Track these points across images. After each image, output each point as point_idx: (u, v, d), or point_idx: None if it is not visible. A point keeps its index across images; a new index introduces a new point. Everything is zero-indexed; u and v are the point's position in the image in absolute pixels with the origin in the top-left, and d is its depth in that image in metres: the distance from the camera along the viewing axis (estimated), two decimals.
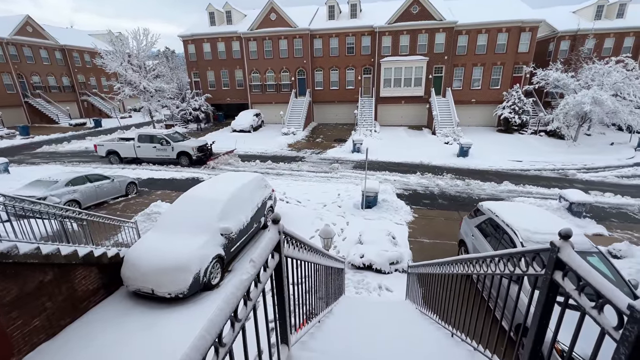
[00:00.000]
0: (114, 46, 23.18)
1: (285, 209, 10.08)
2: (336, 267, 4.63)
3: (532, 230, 5.19)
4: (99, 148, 15.35)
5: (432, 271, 3.93)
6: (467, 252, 6.62)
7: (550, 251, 1.54)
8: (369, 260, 6.81)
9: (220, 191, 7.21)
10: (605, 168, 15.67)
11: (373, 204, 10.29)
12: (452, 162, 16.20)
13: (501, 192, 12.18)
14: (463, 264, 2.71)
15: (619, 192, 11.98)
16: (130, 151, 15.19)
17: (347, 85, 26.59)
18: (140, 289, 5.68)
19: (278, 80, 26.87)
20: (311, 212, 9.84)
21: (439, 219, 9.82)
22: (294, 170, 14.85)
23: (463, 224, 7.25)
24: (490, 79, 23.93)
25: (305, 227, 8.75)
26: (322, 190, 12.00)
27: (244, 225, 7.29)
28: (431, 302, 3.98)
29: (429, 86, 24.27)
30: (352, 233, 8.45)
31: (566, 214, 9.38)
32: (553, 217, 5.94)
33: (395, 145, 19.28)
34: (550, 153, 17.70)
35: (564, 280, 1.46)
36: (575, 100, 17.41)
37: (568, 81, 19.31)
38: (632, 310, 1.06)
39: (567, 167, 15.57)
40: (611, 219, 9.80)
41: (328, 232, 5.77)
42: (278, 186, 12.17)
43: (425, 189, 12.54)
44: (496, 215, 6.02)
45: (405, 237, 8.43)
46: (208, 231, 6.37)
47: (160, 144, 14.95)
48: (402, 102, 25.22)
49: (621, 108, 17.20)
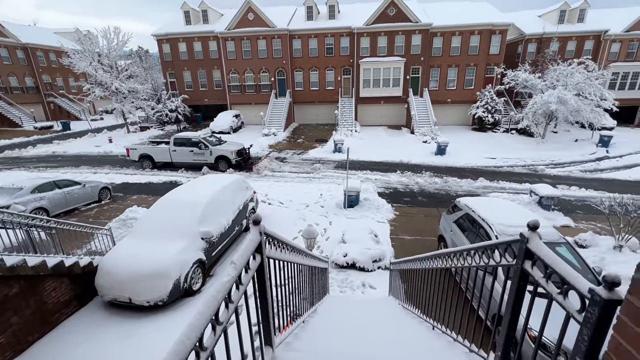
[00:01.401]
0: (82, 45, 22.08)
1: (267, 211, 10.01)
2: (320, 267, 4.64)
3: (506, 223, 5.44)
4: (131, 152, 14.81)
5: (413, 267, 4.03)
6: (447, 247, 6.84)
7: (520, 242, 1.63)
8: (352, 259, 6.88)
9: (200, 194, 7.05)
10: (570, 163, 16.72)
11: (355, 203, 10.39)
12: (431, 160, 16.67)
13: (477, 188, 12.67)
14: (442, 258, 2.81)
15: (583, 185, 12.80)
16: (164, 155, 14.67)
17: (327, 86, 26.74)
18: (117, 298, 5.45)
19: (257, 80, 26.62)
20: (294, 213, 9.82)
21: (419, 216, 10.07)
22: (276, 172, 14.78)
23: (442, 220, 7.48)
24: (464, 79, 24.82)
25: (288, 228, 8.72)
26: (304, 190, 11.99)
27: (225, 229, 7.19)
28: (413, 297, 4.08)
29: (407, 86, 24.84)
30: (335, 232, 8.50)
31: (537, 208, 9.90)
32: (525, 211, 6.27)
33: (375, 145, 19.58)
34: (521, 150, 18.62)
35: (532, 269, 1.54)
36: (543, 100, 18.41)
37: (536, 82, 20.40)
38: (592, 293, 1.14)
39: (537, 163, 16.47)
40: (577, 211, 10.45)
41: (311, 232, 5.78)
42: (259, 188, 12.05)
43: (406, 187, 12.82)
44: (472, 210, 6.26)
45: (387, 235, 8.58)
46: (188, 235, 6.21)
47: (198, 147, 14.36)
48: (382, 102, 25.65)
49: (583, 107, 18.38)
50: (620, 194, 10.34)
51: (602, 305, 1.11)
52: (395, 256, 7.27)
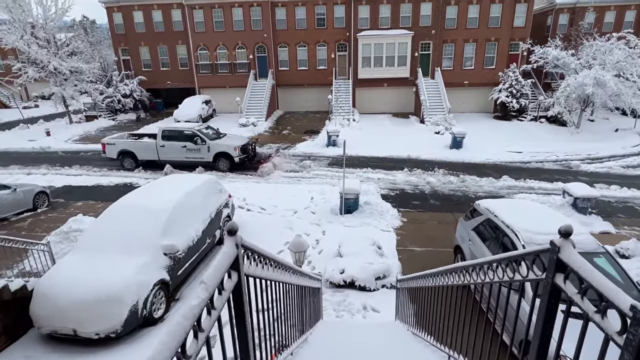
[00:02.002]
0: (10, 14, 21.60)
1: (246, 218, 9.99)
2: (311, 287, 4.65)
3: (534, 230, 5.54)
4: (108, 148, 14.54)
5: (425, 284, 4.07)
6: (464, 259, 6.93)
7: (551, 252, 1.66)
8: (350, 276, 6.92)
9: (163, 199, 6.99)
10: (610, 157, 17.14)
11: (354, 208, 10.44)
12: (445, 155, 16.88)
13: (500, 188, 12.90)
14: (457, 273, 2.84)
15: (625, 184, 13.14)
16: (150, 152, 14.45)
17: (319, 65, 26.79)
18: (58, 330, 5.35)
19: (232, 58, 26.51)
20: (279, 221, 9.84)
21: (431, 222, 10.18)
22: (255, 171, 14.71)
23: (458, 227, 7.58)
24: (484, 57, 25.19)
25: (271, 239, 8.73)
26: (291, 193, 12.02)
27: (194, 241, 7.15)
28: (425, 320, 4.12)
29: (415, 66, 25.09)
30: (329, 244, 8.55)
31: (571, 211, 10.12)
32: (557, 215, 6.37)
33: (378, 137, 19.73)
34: (552, 142, 19.00)
35: (565, 284, 1.58)
36: (577, 82, 18.81)
37: (568, 60, 20.82)
38: (634, 311, 1.17)
39: (571, 158, 16.83)
40: (618, 214, 10.72)
41: (300, 244, 5.79)
42: (236, 190, 12.03)
43: (415, 188, 12.96)
44: (495, 215, 6.36)
45: (393, 246, 8.66)
46: (147, 250, 6.15)
47: (193, 142, 14.08)
48: (385, 85, 25.84)
49: (625, 90, 18.83)
50: None
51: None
52: (402, 272, 7.34)
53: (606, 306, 1.34)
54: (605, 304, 1.34)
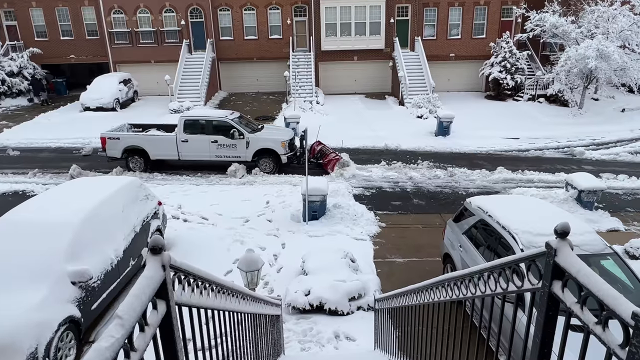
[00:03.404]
0: None
1: (182, 232, 9.79)
2: (268, 315, 4.64)
3: (534, 232, 5.84)
4: (110, 144, 13.77)
5: (408, 303, 4.17)
6: (455, 269, 7.18)
7: (547, 255, 1.76)
8: (318, 298, 6.96)
9: (68, 210, 6.69)
10: (617, 142, 18.45)
11: (321, 212, 10.50)
12: (429, 143, 17.38)
13: (495, 182, 13.50)
14: (444, 287, 2.94)
15: (634, 172, 14.21)
16: (168, 149, 13.92)
17: (271, 34, 26.61)
18: None
19: (158, 25, 25.77)
20: (225, 234, 9.72)
21: (415, 227, 10.43)
22: (195, 170, 14.52)
23: (447, 231, 7.84)
24: (472, 24, 26.16)
25: (216, 256, 8.62)
26: (241, 197, 11.92)
27: (113, 264, 6.91)
28: (410, 348, 4.23)
29: (390, 35, 25.59)
30: (291, 260, 8.55)
31: (575, 206, 10.79)
32: (560, 212, 6.75)
33: (348, 123, 19.94)
34: (552, 125, 20.12)
35: (563, 293, 1.69)
36: (578, 54, 20.04)
37: (568, 28, 22.10)
38: (637, 319, 1.27)
39: (574, 144, 17.92)
40: (627, 208, 11.57)
41: (253, 261, 5.75)
42: (169, 196, 11.75)
43: (395, 185, 13.24)
44: (489, 215, 6.64)
45: (370, 258, 8.80)
46: (47, 280, 5.85)
47: (230, 135, 13.63)
48: (355, 59, 26.13)
49: (630, 63, 20.32)
50: None
51: None
52: (382, 289, 7.48)
53: (607, 315, 1.44)
54: (606, 313, 1.44)
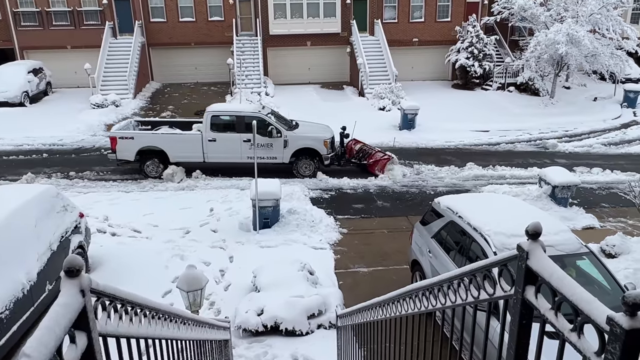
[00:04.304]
0: None
1: (110, 247, 9.49)
2: (215, 340, 4.56)
3: (507, 232, 6.11)
4: (122, 144, 13.44)
5: (374, 317, 4.23)
6: (424, 277, 7.36)
7: (519, 259, 1.84)
8: (272, 318, 6.93)
9: None
10: (590, 133, 19.74)
11: (273, 219, 10.47)
12: (393, 138, 17.71)
13: (465, 179, 14.00)
14: (411, 298, 3.01)
15: (607, 165, 15.22)
16: (192, 149, 13.69)
17: (211, 15, 26.31)
18: None
19: (75, 4, 24.91)
20: (162, 248, 9.51)
21: (379, 232, 10.60)
22: (124, 175, 14.13)
23: (415, 236, 8.03)
24: (436, 6, 26.97)
25: (152, 275, 8.42)
26: (180, 205, 11.72)
27: (24, 291, 6.59)
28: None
29: (347, 17, 25.90)
30: (240, 275, 8.49)
31: (549, 203, 11.38)
32: (534, 211, 7.11)
33: (302, 117, 19.93)
34: (523, 116, 21.12)
35: (537, 299, 1.77)
36: (548, 39, 21.16)
37: (537, 10, 23.30)
38: (612, 324, 1.35)
39: (546, 136, 18.94)
40: (601, 203, 12.33)
41: (195, 279, 5.64)
42: (92, 206, 11.37)
43: (356, 187, 13.43)
44: (459, 215, 6.87)
45: (331, 269, 8.86)
46: None
47: (267, 133, 13.36)
48: (308, 44, 26.24)
49: (601, 49, 21.70)
50: None
51: (623, 340, 1.32)
52: (345, 303, 7.53)
53: (582, 321, 1.52)
54: (581, 319, 1.52)
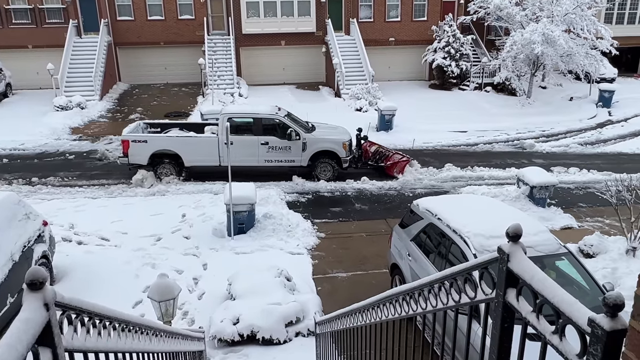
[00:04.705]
0: None
1: (76, 257, 9.31)
2: (189, 352, 4.51)
3: (487, 234, 6.20)
4: (134, 148, 13.31)
5: (353, 323, 4.24)
6: (404, 281, 7.41)
7: (499, 261, 1.87)
8: (249, 327, 6.88)
9: None
10: (566, 133, 20.29)
11: (249, 224, 10.43)
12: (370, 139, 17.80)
13: (443, 181, 14.21)
14: (392, 303, 3.02)
15: (584, 165, 15.67)
16: (208, 153, 13.63)
17: (181, 14, 26.10)
18: None
19: (36, 1, 24.40)
20: (132, 256, 9.37)
21: (358, 235, 10.65)
22: (90, 180, 13.92)
23: (394, 239, 8.08)
24: (412, 5, 27.30)
25: (121, 285, 8.30)
26: (150, 211, 11.58)
27: None
28: None
29: (322, 16, 25.99)
30: (214, 283, 8.43)
31: (528, 204, 11.63)
32: (513, 212, 7.25)
33: None
34: (500, 116, 21.54)
35: (518, 301, 1.79)
36: (524, 39, 21.65)
37: (512, 10, 23.82)
38: (593, 326, 1.38)
39: (523, 136, 19.38)
40: (579, 203, 12.66)
41: (168, 288, 5.55)
42: (57, 213, 11.16)
43: (333, 190, 13.48)
44: (438, 217, 6.94)
45: (308, 275, 8.87)
46: None
47: (286, 136, 13.49)
48: (282, 44, 26.23)
49: (576, 49, 22.32)
50: (629, 173, 12.91)
51: (604, 342, 1.34)
52: (324, 310, 7.54)
53: (564, 323, 1.55)
54: (562, 321, 1.55)
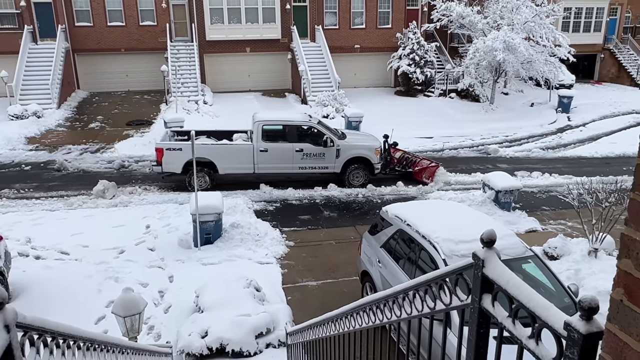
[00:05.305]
0: None
1: (34, 272, 9.03)
2: None
3: (456, 239, 6.31)
4: (169, 156, 13.41)
5: (326, 333, 4.22)
6: (375, 290, 7.45)
7: (474, 267, 1.89)
8: (218, 340, 6.78)
9: None
10: (529, 138, 20.99)
11: (216, 235, 10.33)
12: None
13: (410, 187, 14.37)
14: (365, 312, 3.02)
15: (546, 169, 16.20)
16: (242, 160, 13.74)
17: (143, 20, 25.79)
18: None
19: None
20: (94, 270, 9.14)
21: (327, 243, 10.66)
22: (48, 192, 13.60)
23: (364, 246, 8.13)
24: (377, 12, 27.72)
25: (83, 300, 8.12)
26: (112, 222, 11.34)
27: None
28: None
29: (287, 23, 26.08)
30: (181, 295, 8.31)
31: (493, 208, 11.90)
32: (480, 216, 7.41)
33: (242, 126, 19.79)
34: (465, 122, 22.08)
35: (494, 307, 1.82)
36: (486, 46, 22.30)
37: (474, 18, 24.53)
38: (569, 329, 1.40)
39: (487, 141, 19.90)
40: (542, 207, 13.04)
41: (133, 303, 5.41)
42: (12, 227, 10.86)
43: (301, 197, 13.49)
44: (407, 223, 7.02)
45: (278, 284, 8.81)
46: None
47: (321, 143, 13.68)
48: (247, 50, 26.17)
49: (536, 56, 23.16)
50: (589, 177, 13.42)
51: (581, 345, 1.37)
52: (295, 319, 7.49)
53: (540, 327, 1.57)
54: (538, 325, 1.57)
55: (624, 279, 1.27)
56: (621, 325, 1.29)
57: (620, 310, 1.30)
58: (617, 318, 1.31)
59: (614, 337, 1.31)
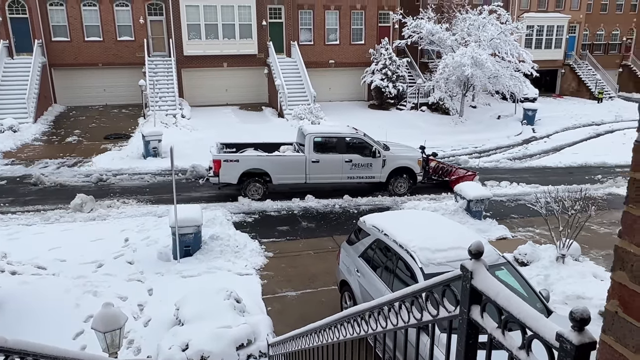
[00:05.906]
0: None
1: (10, 288, 8.69)
2: None
3: (432, 247, 6.33)
4: (226, 167, 13.63)
5: (310, 344, 4.14)
6: (353, 298, 7.41)
7: (463, 279, 1.86)
8: (199, 353, 6.62)
9: None
10: (496, 149, 21.50)
11: (195, 247, 10.18)
12: None
13: (385, 197, 14.49)
14: (349, 323, 2.96)
15: (514, 179, 16.54)
16: (295, 171, 14.03)
17: (120, 35, 25.52)
18: None
19: None
20: (72, 285, 8.88)
21: (306, 253, 10.62)
22: (25, 206, 13.28)
23: (342, 256, 8.08)
24: (350, 29, 28.05)
25: (61, 316, 7.86)
26: (90, 236, 11.07)
27: None
28: None
29: (264, 39, 26.14)
30: (161, 308, 8.14)
31: (465, 217, 12.02)
32: (453, 225, 7.46)
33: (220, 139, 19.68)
34: (436, 134, 22.39)
35: (483, 318, 1.78)
36: (455, 62, 22.76)
37: (443, 35, 25.06)
38: (561, 340, 1.38)
39: (458, 152, 20.24)
40: (511, 214, 13.25)
41: (113, 318, 5.24)
42: None
43: (280, 208, 13.42)
44: (385, 233, 7.02)
45: (258, 295, 8.71)
46: None
47: (370, 154, 14.21)
48: (224, 65, 26.11)
49: (502, 71, 23.73)
50: (555, 185, 13.72)
51: (573, 356, 1.34)
52: (275, 330, 7.39)
53: (530, 338, 1.54)
54: (529, 336, 1.54)
55: (618, 290, 1.25)
56: (617, 336, 1.27)
57: (616, 322, 1.27)
58: (613, 330, 1.28)
59: (609, 348, 1.28)
